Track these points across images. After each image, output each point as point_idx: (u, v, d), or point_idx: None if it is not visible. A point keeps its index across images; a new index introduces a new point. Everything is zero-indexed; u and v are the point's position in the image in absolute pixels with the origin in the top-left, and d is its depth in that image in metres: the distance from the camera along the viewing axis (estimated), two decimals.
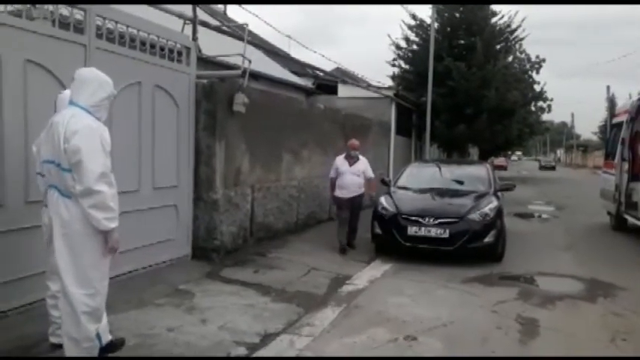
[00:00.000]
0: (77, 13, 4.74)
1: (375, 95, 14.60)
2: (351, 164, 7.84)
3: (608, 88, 52.65)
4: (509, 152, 54.43)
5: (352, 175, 7.77)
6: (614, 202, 10.40)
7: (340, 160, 7.97)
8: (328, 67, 18.38)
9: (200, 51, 7.39)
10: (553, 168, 55.08)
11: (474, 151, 30.38)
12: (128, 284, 5.17)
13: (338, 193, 7.85)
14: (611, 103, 41.57)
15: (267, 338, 4.22)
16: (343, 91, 15.17)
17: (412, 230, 7.13)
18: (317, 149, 9.57)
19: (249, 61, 7.11)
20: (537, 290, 6.11)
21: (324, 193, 9.98)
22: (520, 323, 4.83)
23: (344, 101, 14.09)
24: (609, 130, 13.15)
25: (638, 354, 4.15)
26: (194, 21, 6.96)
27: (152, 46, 5.71)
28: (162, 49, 5.84)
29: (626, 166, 9.86)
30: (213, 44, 8.70)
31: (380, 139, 14.05)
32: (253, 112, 6.98)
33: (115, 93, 3.55)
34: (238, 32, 8.61)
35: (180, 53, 6.16)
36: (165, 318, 4.48)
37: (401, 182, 8.68)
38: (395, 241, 7.26)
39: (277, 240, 7.78)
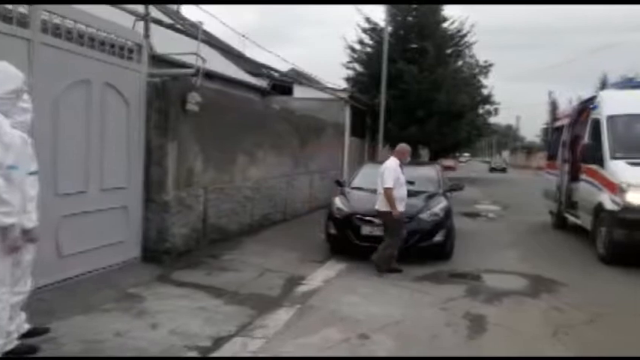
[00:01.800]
0: (21, 7, 4.53)
1: (330, 97, 14.71)
2: (402, 172, 6.91)
3: (550, 93, 55.15)
4: (458, 154, 56.01)
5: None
6: (555, 202, 10.93)
7: (397, 165, 6.87)
8: (284, 67, 18.41)
9: (152, 49, 7.21)
10: (504, 170, 52.48)
11: (424, 153, 31.12)
12: (75, 289, 4.99)
13: (400, 207, 6.69)
14: (553, 107, 43.61)
15: (219, 341, 4.17)
16: (298, 92, 15.21)
17: (366, 230, 7.23)
18: (272, 150, 9.54)
19: (203, 60, 7.01)
20: (484, 287, 6.33)
21: (280, 193, 10.00)
22: (468, 320, 4.99)
23: (299, 102, 14.12)
24: (551, 133, 13.80)
25: (578, 347, 4.37)
26: (146, 18, 6.79)
27: (102, 43, 5.53)
28: (112, 46, 5.67)
29: (566, 167, 10.38)
30: (166, 42, 8.53)
31: (334, 140, 14.17)
32: (207, 112, 6.89)
33: (25, 88, 3.40)
34: (192, 31, 8.47)
35: (131, 51, 6.00)
36: (113, 323, 4.34)
37: (355, 183, 8.77)
38: (349, 240, 7.34)
39: (231, 242, 7.69)
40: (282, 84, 15.52)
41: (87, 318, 4.42)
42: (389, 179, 6.67)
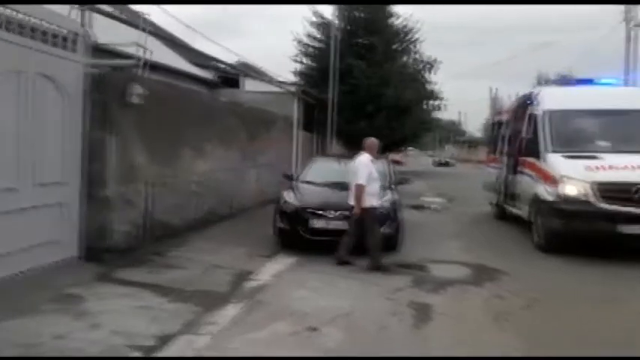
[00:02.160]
0: None
1: (280, 90, 14.60)
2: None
3: (491, 89, 57.29)
4: (405, 148, 57.17)
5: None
6: (496, 194, 11.36)
7: (369, 161, 6.87)
8: (232, 60, 18.08)
9: (92, 38, 6.88)
10: (449, 164, 53.41)
11: None
12: (7, 290, 4.70)
13: (374, 201, 6.78)
14: (494, 103, 45.25)
15: (164, 340, 4.04)
16: (247, 85, 14.99)
17: (315, 223, 7.24)
18: (219, 143, 9.36)
19: (148, 51, 6.76)
20: (430, 277, 6.48)
21: (227, 188, 9.83)
22: (415, 309, 5.09)
23: (248, 95, 13.93)
24: (492, 128, 14.29)
25: (517, 333, 4.55)
26: (83, 7, 6.46)
27: (32, 30, 5.20)
28: (44, 33, 5.34)
29: (507, 160, 10.79)
30: (108, 32, 8.16)
31: (284, 134, 14.10)
32: (151, 104, 6.65)
33: None
34: (136, 20, 8.15)
35: (67, 39, 5.68)
36: (50, 325, 4.12)
37: (304, 176, 8.76)
38: (298, 234, 7.33)
39: (176, 238, 7.48)
40: (231, 76, 15.26)
41: (21, 321, 4.17)
42: (362, 176, 6.66)
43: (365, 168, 6.74)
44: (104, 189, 6.06)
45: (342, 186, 8.21)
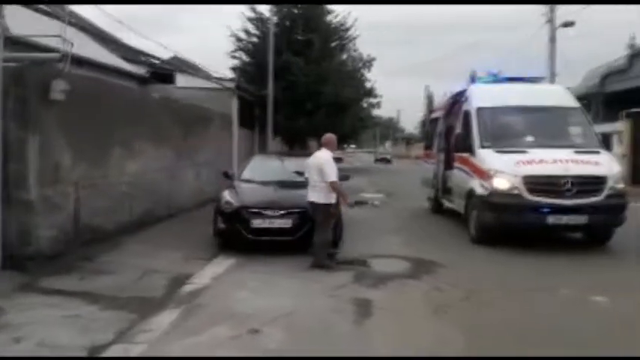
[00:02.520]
0: None
1: (217, 86, 14.25)
2: None
3: (426, 87, 59.24)
4: (345, 145, 57.76)
5: None
6: (432, 189, 11.67)
7: (331, 157, 6.86)
8: (166, 55, 17.44)
9: (7, 30, 6.36)
10: (389, 161, 52.47)
11: (313, 144, 31.69)
12: None
13: (332, 198, 6.68)
14: (430, 100, 46.76)
15: (96, 351, 3.81)
16: (182, 80, 14.52)
17: (256, 223, 7.10)
18: (152, 141, 8.98)
19: (71, 44, 6.33)
20: (371, 272, 6.53)
21: (163, 188, 9.48)
22: (356, 305, 5.11)
23: (183, 91, 13.47)
24: (428, 125, 14.69)
25: (457, 324, 4.64)
26: None
27: None
28: None
29: (442, 156, 11.11)
30: (29, 24, 7.59)
31: (222, 131, 13.78)
32: (76, 101, 6.28)
33: None
34: (60, 13, 7.64)
35: None
36: None
37: (244, 175, 8.58)
38: (239, 234, 7.16)
39: (109, 242, 7.10)
40: (164, 72, 14.72)
41: None
42: (332, 173, 6.56)
43: (331, 164, 6.67)
44: (26, 192, 5.64)
45: (284, 184, 8.15)
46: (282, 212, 7.10)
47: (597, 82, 21.79)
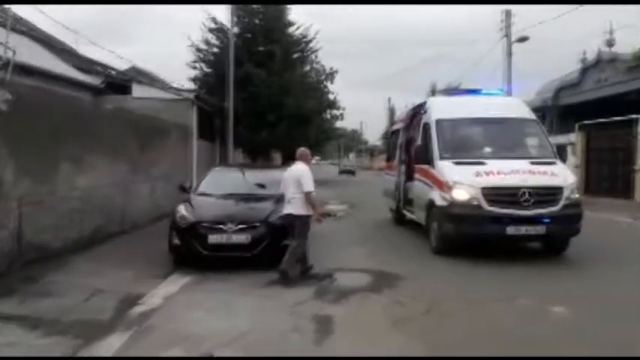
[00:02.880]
0: None
1: (175, 97, 13.89)
2: None
3: (389, 99, 60.15)
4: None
5: None
6: (394, 200, 11.67)
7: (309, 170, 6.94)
8: (124, 66, 16.92)
9: None
10: (353, 173, 51.93)
11: (277, 156, 31.44)
12: None
13: (311, 210, 6.74)
14: (391, 112, 47.39)
15: None
16: (139, 91, 14.09)
17: (213, 238, 6.84)
18: (105, 155, 8.61)
19: (13, 52, 6.00)
20: (332, 286, 6.37)
21: (116, 203, 9.10)
22: (316, 322, 4.94)
23: (139, 102, 13.07)
24: (390, 137, 14.75)
25: (418, 339, 4.53)
26: None
27: None
28: None
29: (403, 168, 11.14)
30: None
31: (180, 143, 13.43)
32: (21, 112, 5.95)
33: None
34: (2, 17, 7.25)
35: None
36: None
37: (202, 188, 8.30)
38: (195, 251, 6.88)
39: (55, 261, 6.70)
40: (120, 82, 14.27)
41: None
42: (309, 184, 6.63)
43: (308, 176, 6.74)
44: None
45: (244, 197, 7.93)
46: (239, 227, 6.87)
47: (551, 95, 22.55)
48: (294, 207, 6.63)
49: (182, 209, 7.28)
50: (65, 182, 7.33)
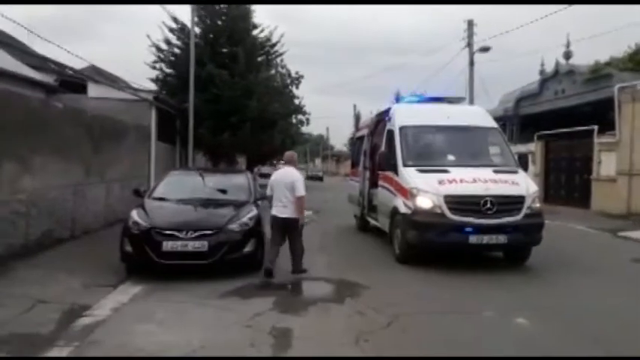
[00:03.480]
0: None
1: (134, 97, 13.38)
2: None
3: (354, 105, 60.42)
4: (275, 161, 57.36)
5: None
6: (358, 206, 11.56)
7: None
8: (82, 64, 16.22)
9: None
10: (321, 179, 51.15)
11: (242, 160, 30.96)
12: None
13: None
14: (357, 118, 47.53)
15: None
16: (96, 91, 13.50)
17: (168, 245, 6.51)
18: (55, 155, 8.14)
19: None
20: (293, 296, 6.17)
21: (66, 207, 8.61)
22: (274, 336, 4.70)
23: (96, 102, 12.51)
24: (354, 143, 14.67)
25: (377, 353, 4.38)
26: None
27: None
28: None
29: (367, 174, 11.03)
30: None
31: (139, 145, 12.93)
32: None
33: None
34: None
35: None
36: None
37: (157, 193, 7.94)
38: (148, 258, 6.53)
39: None
40: (75, 81, 13.66)
41: None
42: (303, 188, 7.02)
43: (302, 181, 7.13)
44: None
45: (203, 203, 7.62)
46: (197, 234, 6.56)
47: (512, 105, 23.04)
48: (289, 211, 7.00)
49: (135, 215, 6.91)
50: (8, 184, 6.85)
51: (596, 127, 16.68)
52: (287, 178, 7.09)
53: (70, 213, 8.75)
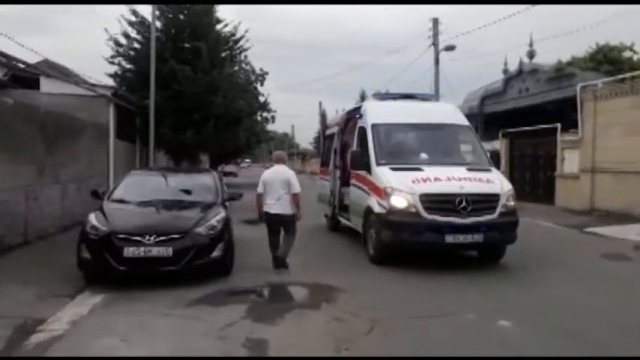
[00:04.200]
0: None
1: (90, 93, 12.68)
2: None
3: (320, 103, 60.29)
4: (240, 159, 56.45)
5: None
6: (329, 206, 11.29)
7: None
8: (35, 59, 15.24)
9: None
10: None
11: (205, 159, 30.24)
12: None
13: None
14: (323, 117, 47.37)
15: None
16: (49, 86, 12.74)
17: (129, 251, 6.05)
18: (3, 155, 7.52)
19: None
20: (266, 303, 5.86)
21: (17, 210, 8.01)
22: (248, 348, 4.40)
23: (50, 98, 11.79)
24: (322, 141, 14.39)
25: None
26: None
27: None
28: None
29: (338, 173, 10.78)
30: None
31: (97, 143, 12.29)
32: None
33: None
34: None
35: None
36: None
37: (117, 195, 7.45)
38: (108, 266, 6.06)
39: None
40: (26, 75, 12.85)
41: None
42: (298, 185, 7.34)
43: (296, 178, 7.42)
44: None
45: (167, 205, 7.19)
46: (161, 238, 6.14)
47: (477, 103, 23.33)
48: (285, 207, 7.25)
49: (93, 219, 6.43)
50: None
51: (559, 125, 16.98)
52: (281, 175, 7.31)
53: (23, 217, 8.14)
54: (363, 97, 29.62)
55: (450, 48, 21.29)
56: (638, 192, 13.50)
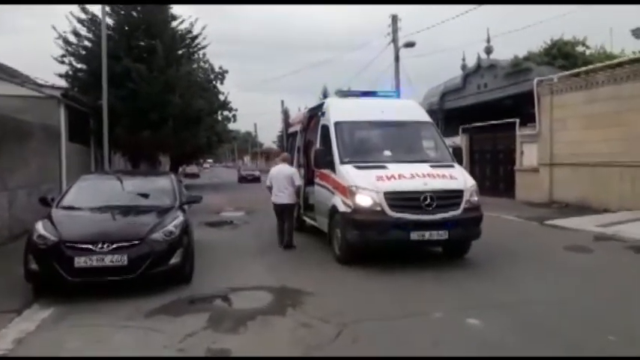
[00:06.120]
0: None
1: (38, 94, 12.02)
2: None
3: (282, 102, 59.99)
4: (202, 160, 55.43)
5: None
6: None
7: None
8: None
9: None
10: (259, 179, 36.35)
11: (165, 160, 29.51)
12: None
13: (296, 198, 9.56)
14: (286, 115, 47.11)
15: None
16: None
17: (81, 261, 5.68)
18: None
19: None
20: (229, 311, 5.60)
21: None
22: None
23: None
24: (286, 139, 14.19)
25: None
26: None
27: None
28: None
29: (302, 172, 10.58)
30: None
31: (47, 147, 11.67)
32: None
33: None
34: None
35: None
36: None
37: (67, 201, 7.02)
38: (58, 277, 5.67)
39: None
40: None
41: None
42: (300, 180, 9.48)
43: (297, 174, 9.42)
44: None
45: (122, 210, 6.82)
46: (114, 246, 5.79)
47: (437, 99, 23.56)
48: (287, 198, 9.05)
49: (40, 227, 6.02)
50: None
51: (517, 120, 17.32)
52: (286, 171, 9.15)
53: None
54: (325, 95, 29.49)
55: (410, 45, 21.36)
56: (594, 184, 13.90)
